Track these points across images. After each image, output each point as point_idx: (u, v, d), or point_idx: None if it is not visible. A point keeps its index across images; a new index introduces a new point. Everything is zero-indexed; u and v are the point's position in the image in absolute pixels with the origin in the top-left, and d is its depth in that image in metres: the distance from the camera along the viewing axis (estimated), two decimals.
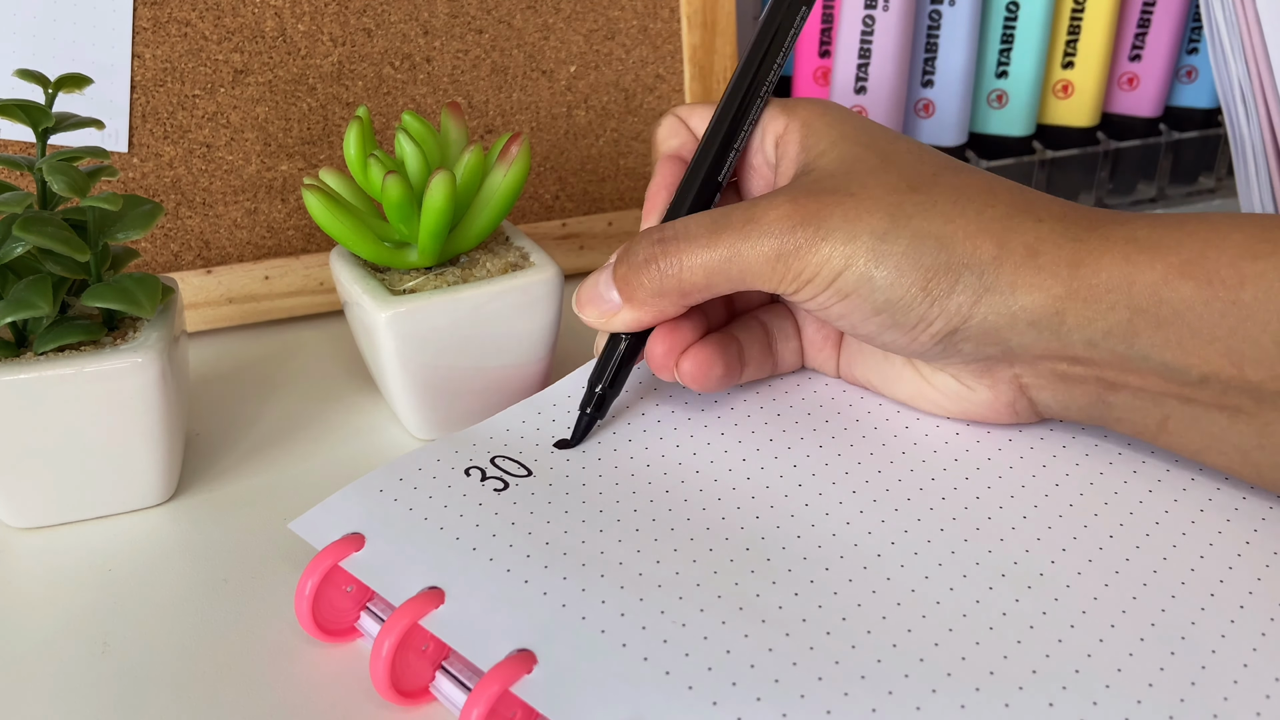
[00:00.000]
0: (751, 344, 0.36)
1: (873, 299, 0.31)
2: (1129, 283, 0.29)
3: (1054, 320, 0.30)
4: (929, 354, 0.32)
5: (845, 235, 0.30)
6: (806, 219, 0.31)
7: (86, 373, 0.34)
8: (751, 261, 0.31)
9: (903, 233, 0.30)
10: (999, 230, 0.30)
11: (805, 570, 0.30)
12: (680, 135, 0.37)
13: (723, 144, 0.35)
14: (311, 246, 0.50)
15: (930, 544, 0.30)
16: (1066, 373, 0.31)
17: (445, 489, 0.33)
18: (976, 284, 0.30)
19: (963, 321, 0.30)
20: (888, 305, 0.31)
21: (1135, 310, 0.29)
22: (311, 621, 0.31)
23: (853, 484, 0.33)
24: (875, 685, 0.26)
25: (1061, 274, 0.29)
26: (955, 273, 0.30)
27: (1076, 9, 0.56)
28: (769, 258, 0.31)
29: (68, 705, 0.30)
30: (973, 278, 0.30)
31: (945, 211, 0.30)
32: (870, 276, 0.30)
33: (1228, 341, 0.28)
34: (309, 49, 0.48)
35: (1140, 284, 0.29)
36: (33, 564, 0.35)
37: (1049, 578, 0.29)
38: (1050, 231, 0.30)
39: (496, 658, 0.27)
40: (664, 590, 0.29)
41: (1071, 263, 0.29)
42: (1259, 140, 0.51)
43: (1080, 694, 0.26)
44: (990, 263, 0.30)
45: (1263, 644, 0.27)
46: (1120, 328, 0.29)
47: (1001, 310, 0.30)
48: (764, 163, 0.36)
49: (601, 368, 0.35)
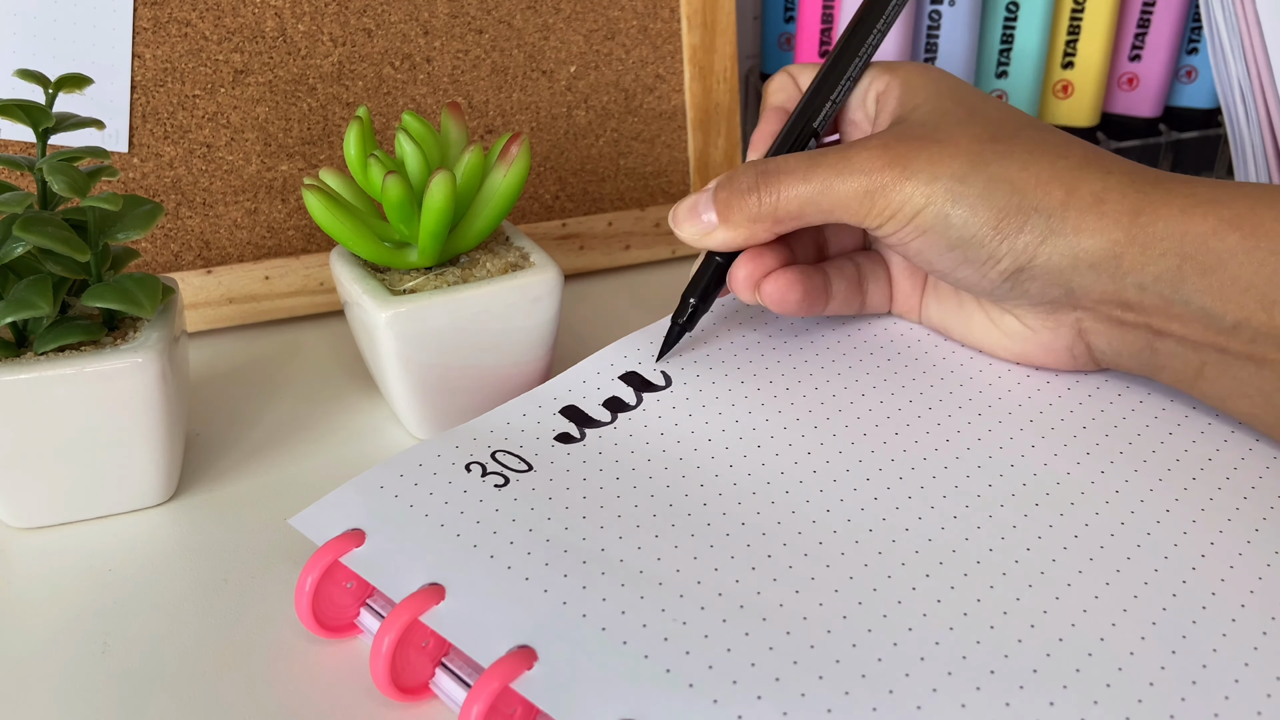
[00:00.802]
0: (840, 280, 0.39)
1: (948, 235, 0.33)
2: (1182, 232, 0.31)
3: (1112, 264, 0.32)
4: (998, 292, 0.34)
5: (928, 176, 0.33)
6: (894, 160, 0.33)
7: (86, 373, 0.34)
8: (842, 195, 0.34)
9: (979, 176, 0.33)
10: (1069, 179, 0.33)
11: (806, 567, 0.30)
12: (788, 90, 0.41)
13: (822, 95, 0.39)
14: (311, 246, 0.50)
15: (932, 543, 0.30)
16: (1120, 318, 0.33)
17: (446, 485, 0.33)
18: (1044, 226, 0.32)
19: (1029, 260, 0.33)
20: (961, 242, 0.33)
21: (1184, 257, 0.31)
22: (312, 618, 0.31)
23: (854, 481, 0.33)
24: (876, 683, 0.26)
25: (1123, 221, 0.32)
26: (1025, 214, 0.32)
27: (1076, 9, 0.56)
28: (858, 193, 0.34)
29: (68, 705, 0.30)
30: (1040, 220, 0.32)
31: (1021, 159, 0.33)
32: (947, 214, 0.33)
33: (1263, 289, 0.30)
34: (309, 49, 0.48)
35: (1193, 234, 0.31)
36: (33, 564, 0.35)
37: (1050, 576, 0.29)
38: (1118, 183, 0.32)
39: (497, 654, 0.27)
40: (665, 587, 0.29)
41: (1133, 211, 0.32)
42: (1259, 140, 0.51)
43: (1081, 693, 0.26)
44: (1058, 207, 0.32)
45: (1264, 643, 0.27)
46: (1170, 273, 0.31)
47: (1065, 251, 0.32)
48: (864, 117, 0.39)
49: (695, 281, 0.38)
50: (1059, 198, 0.32)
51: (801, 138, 0.39)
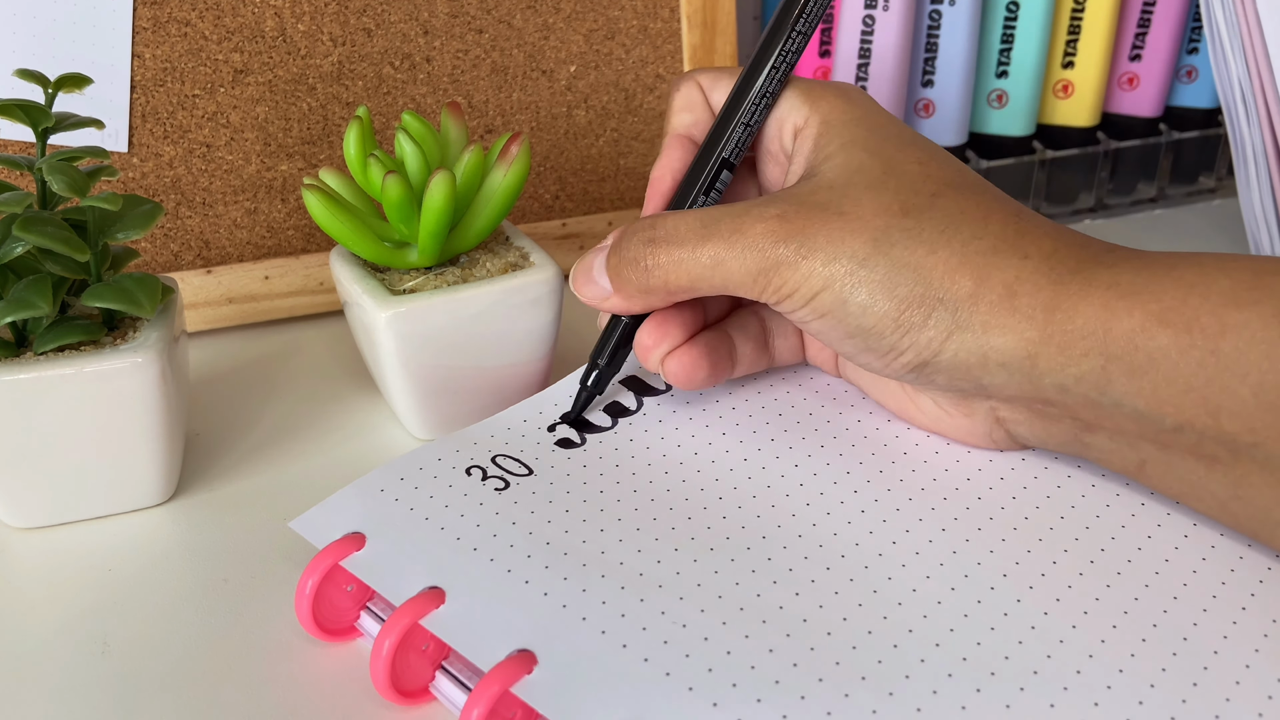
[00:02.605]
0: (745, 341, 0.36)
1: (846, 322, 0.31)
2: (1105, 330, 0.28)
3: (1025, 364, 0.29)
4: (904, 380, 0.32)
5: (827, 256, 0.30)
6: (792, 234, 0.31)
7: (86, 373, 0.34)
8: (734, 272, 0.31)
9: (882, 260, 0.30)
10: (981, 265, 0.30)
11: (806, 570, 0.30)
12: (695, 110, 0.37)
13: (734, 119, 0.35)
14: (311, 246, 0.50)
15: (932, 544, 0.30)
16: (1043, 411, 0.31)
17: (446, 488, 0.33)
18: (950, 320, 0.30)
19: (933, 355, 0.30)
20: (860, 330, 0.31)
21: (1109, 357, 0.28)
22: (312, 621, 0.31)
23: (854, 484, 0.33)
24: (876, 686, 0.26)
25: (1037, 317, 0.29)
26: (929, 306, 0.30)
27: (1077, 9, 0.56)
28: (752, 271, 0.31)
29: (68, 705, 0.30)
30: (946, 313, 0.30)
31: (930, 240, 0.30)
32: (845, 300, 0.30)
33: (1204, 391, 0.27)
34: (309, 49, 0.48)
35: (1117, 331, 0.28)
36: (33, 564, 0.35)
37: (1050, 578, 0.29)
38: (1033, 270, 0.29)
39: (497, 658, 0.27)
40: (665, 591, 0.29)
41: (1048, 306, 0.29)
42: (1259, 140, 0.51)
43: (1082, 695, 0.26)
44: (966, 299, 0.29)
45: (1265, 645, 0.27)
46: (1093, 374, 0.28)
47: (973, 349, 0.30)
48: (780, 150, 0.36)
49: (602, 344, 0.36)
50: (967, 288, 0.29)
51: (711, 176, 0.35)
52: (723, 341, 0.36)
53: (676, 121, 0.37)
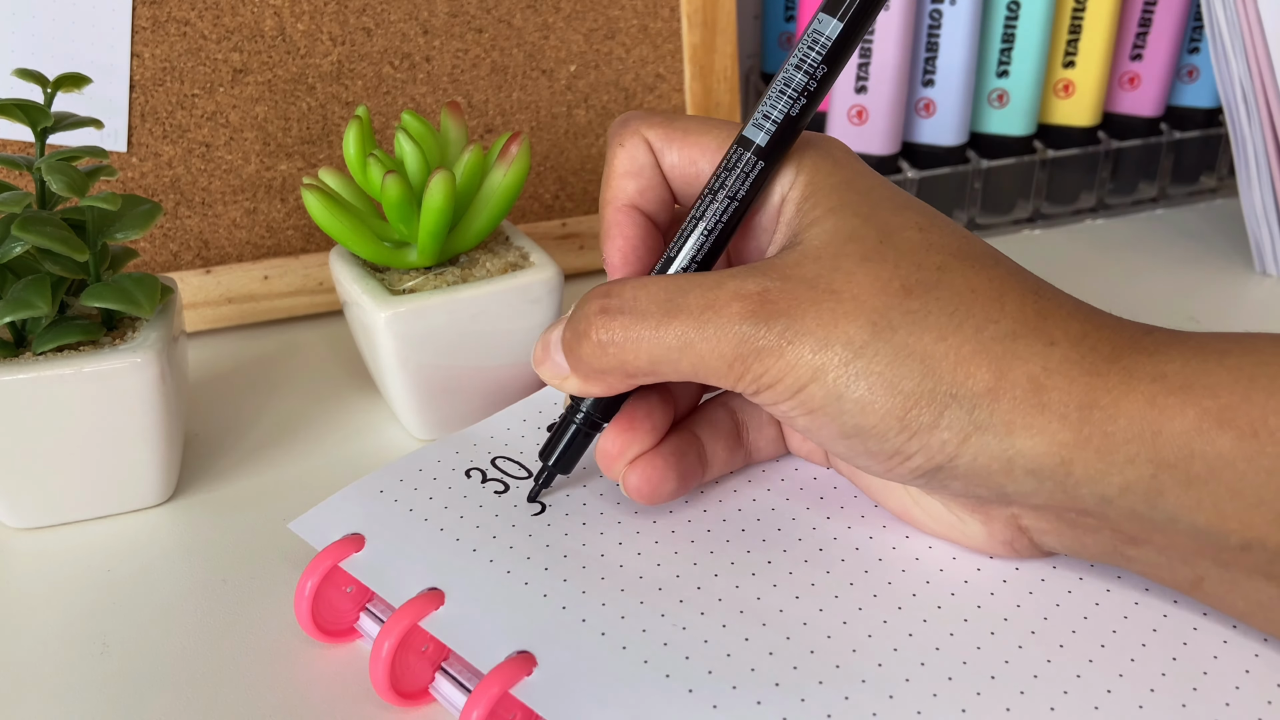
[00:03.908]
0: (715, 438, 0.32)
1: (841, 420, 0.26)
2: (1154, 432, 0.24)
3: (1059, 471, 0.25)
4: (912, 484, 0.28)
5: (817, 342, 0.26)
6: (775, 315, 0.26)
7: (85, 373, 0.34)
8: (705, 356, 0.26)
9: (883, 348, 0.25)
10: (1000, 354, 0.25)
11: (806, 573, 0.30)
12: (645, 176, 0.31)
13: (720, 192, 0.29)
14: (311, 246, 0.50)
15: (932, 548, 0.30)
16: (1076, 521, 0.27)
17: (445, 490, 0.33)
18: (965, 420, 0.25)
19: (948, 460, 0.26)
20: (858, 430, 0.26)
21: (1160, 465, 0.24)
22: (311, 622, 0.31)
23: (854, 487, 0.33)
24: (876, 689, 0.26)
25: (1071, 417, 0.25)
26: (940, 404, 0.25)
27: (1077, 8, 0.56)
28: (725, 356, 0.26)
29: (68, 705, 0.30)
30: (961, 412, 0.25)
31: (939, 326, 0.26)
32: (840, 395, 0.26)
33: (1276, 505, 0.23)
34: (308, 48, 0.48)
35: (1168, 434, 0.24)
36: (33, 564, 0.35)
37: (1051, 583, 0.29)
38: (1062, 360, 0.25)
39: (496, 659, 0.27)
40: (664, 593, 0.29)
41: (1084, 404, 0.25)
42: (1260, 140, 0.51)
43: (1083, 699, 0.26)
44: (984, 395, 0.25)
45: (1265, 650, 0.27)
46: (1141, 484, 0.24)
47: (995, 453, 0.25)
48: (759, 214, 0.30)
49: (553, 441, 0.32)
50: (985, 381, 0.25)
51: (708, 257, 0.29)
52: (690, 444, 0.31)
53: (618, 187, 0.31)
